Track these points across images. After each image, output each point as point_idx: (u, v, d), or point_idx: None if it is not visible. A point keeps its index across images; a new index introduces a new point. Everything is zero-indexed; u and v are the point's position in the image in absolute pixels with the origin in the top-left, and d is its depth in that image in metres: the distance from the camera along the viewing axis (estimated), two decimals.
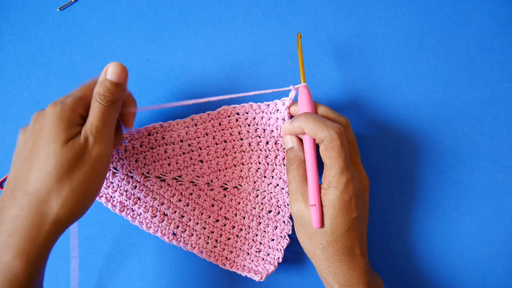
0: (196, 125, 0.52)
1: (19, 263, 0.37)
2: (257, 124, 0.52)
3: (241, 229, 0.53)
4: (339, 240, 0.45)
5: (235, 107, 0.50)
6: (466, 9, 0.55)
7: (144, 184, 0.51)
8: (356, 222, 0.45)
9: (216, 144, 0.52)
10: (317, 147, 0.46)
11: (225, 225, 0.53)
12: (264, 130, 0.52)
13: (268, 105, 0.50)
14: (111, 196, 0.52)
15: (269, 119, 0.51)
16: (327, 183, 0.44)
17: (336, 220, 0.44)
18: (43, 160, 0.38)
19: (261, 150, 0.52)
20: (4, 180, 0.55)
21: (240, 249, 0.53)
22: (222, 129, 0.51)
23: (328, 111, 0.48)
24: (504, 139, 0.55)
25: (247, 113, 0.50)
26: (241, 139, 0.52)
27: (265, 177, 0.53)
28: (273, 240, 0.53)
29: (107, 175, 0.52)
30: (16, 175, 0.39)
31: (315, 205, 0.44)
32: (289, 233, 0.52)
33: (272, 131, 0.51)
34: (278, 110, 0.50)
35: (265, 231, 0.53)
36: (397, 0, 0.55)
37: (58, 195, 0.38)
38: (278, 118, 0.50)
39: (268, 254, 0.53)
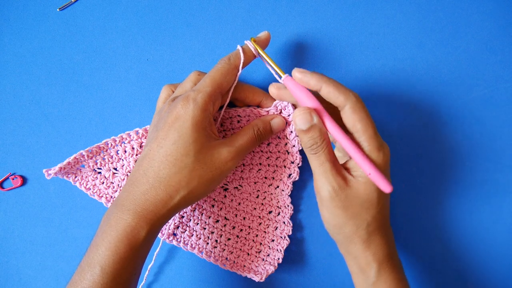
0: None
1: (143, 227, 0.41)
2: None
3: (241, 230, 0.53)
4: (381, 212, 0.44)
5: (236, 110, 0.50)
6: (466, 9, 0.55)
7: None
8: None
9: None
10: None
11: (225, 225, 0.53)
12: None
13: (268, 110, 0.49)
14: (111, 197, 0.52)
15: None
16: (368, 147, 0.42)
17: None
18: (182, 154, 0.42)
19: (262, 151, 0.52)
20: (4, 180, 0.55)
21: (240, 249, 0.53)
22: (224, 130, 0.51)
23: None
24: (504, 139, 0.55)
25: (248, 115, 0.49)
26: None
27: (265, 178, 0.53)
28: (273, 240, 0.53)
29: (107, 176, 0.52)
30: (149, 156, 0.43)
31: (370, 174, 0.42)
32: (289, 234, 0.52)
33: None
34: (281, 111, 0.49)
35: (265, 232, 0.53)
36: (397, 0, 0.55)
37: (187, 186, 0.42)
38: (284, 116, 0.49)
39: (268, 255, 0.53)
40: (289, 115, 0.48)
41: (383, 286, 0.45)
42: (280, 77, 0.46)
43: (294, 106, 0.48)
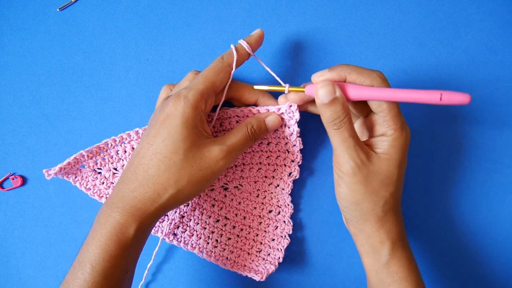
0: None
1: (131, 224, 0.41)
2: None
3: (242, 229, 0.53)
4: (399, 188, 0.45)
5: (234, 110, 0.50)
6: (466, 9, 0.55)
7: None
8: None
9: None
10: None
11: (225, 225, 0.53)
12: None
13: (268, 109, 0.49)
14: None
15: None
16: (394, 126, 0.43)
17: (402, 164, 0.44)
18: (171, 152, 0.42)
19: (262, 151, 0.52)
20: (4, 180, 0.55)
21: (241, 249, 0.53)
22: (223, 130, 0.51)
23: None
24: (504, 139, 0.55)
25: (246, 115, 0.49)
26: None
27: (265, 177, 0.53)
28: (273, 240, 0.53)
29: (107, 176, 0.52)
30: (140, 154, 0.43)
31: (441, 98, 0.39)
32: (290, 233, 0.52)
33: (276, 130, 0.51)
34: (284, 112, 0.48)
35: (265, 231, 0.53)
36: (397, 0, 0.55)
37: (175, 184, 0.42)
38: (288, 119, 0.49)
39: (269, 254, 0.53)
40: (291, 119, 0.48)
41: (395, 265, 0.45)
42: (279, 77, 0.46)
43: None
